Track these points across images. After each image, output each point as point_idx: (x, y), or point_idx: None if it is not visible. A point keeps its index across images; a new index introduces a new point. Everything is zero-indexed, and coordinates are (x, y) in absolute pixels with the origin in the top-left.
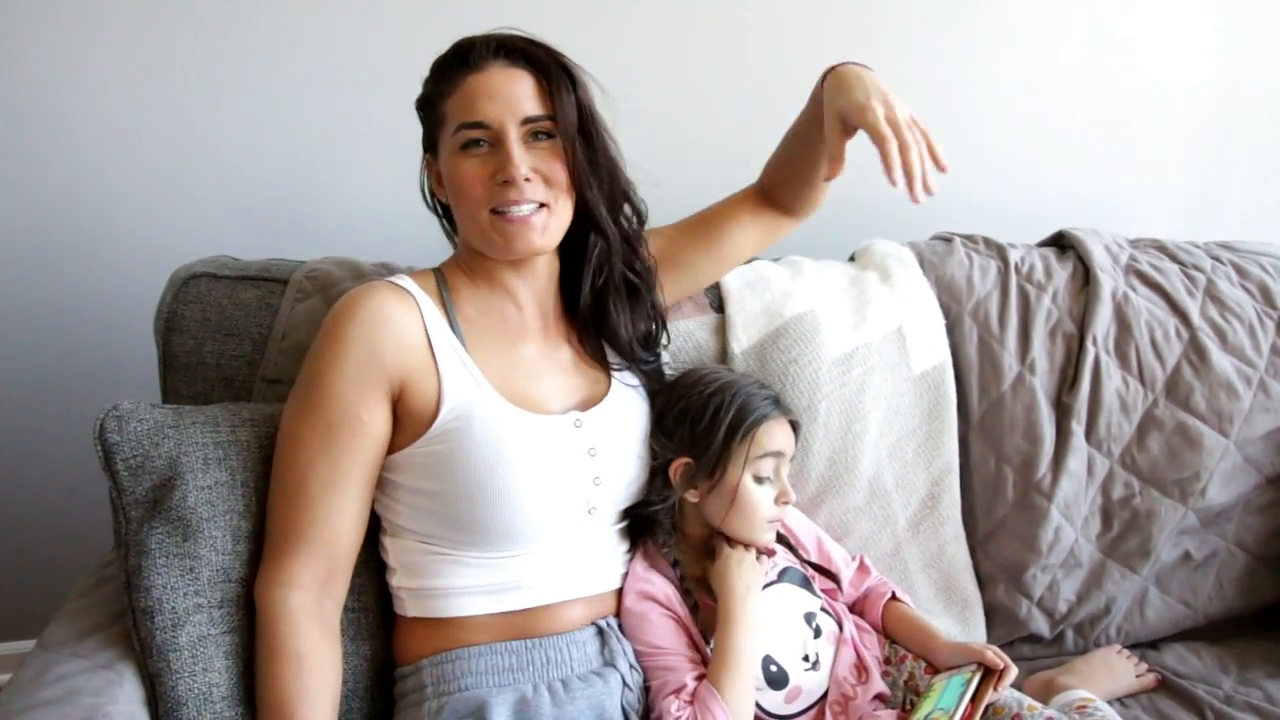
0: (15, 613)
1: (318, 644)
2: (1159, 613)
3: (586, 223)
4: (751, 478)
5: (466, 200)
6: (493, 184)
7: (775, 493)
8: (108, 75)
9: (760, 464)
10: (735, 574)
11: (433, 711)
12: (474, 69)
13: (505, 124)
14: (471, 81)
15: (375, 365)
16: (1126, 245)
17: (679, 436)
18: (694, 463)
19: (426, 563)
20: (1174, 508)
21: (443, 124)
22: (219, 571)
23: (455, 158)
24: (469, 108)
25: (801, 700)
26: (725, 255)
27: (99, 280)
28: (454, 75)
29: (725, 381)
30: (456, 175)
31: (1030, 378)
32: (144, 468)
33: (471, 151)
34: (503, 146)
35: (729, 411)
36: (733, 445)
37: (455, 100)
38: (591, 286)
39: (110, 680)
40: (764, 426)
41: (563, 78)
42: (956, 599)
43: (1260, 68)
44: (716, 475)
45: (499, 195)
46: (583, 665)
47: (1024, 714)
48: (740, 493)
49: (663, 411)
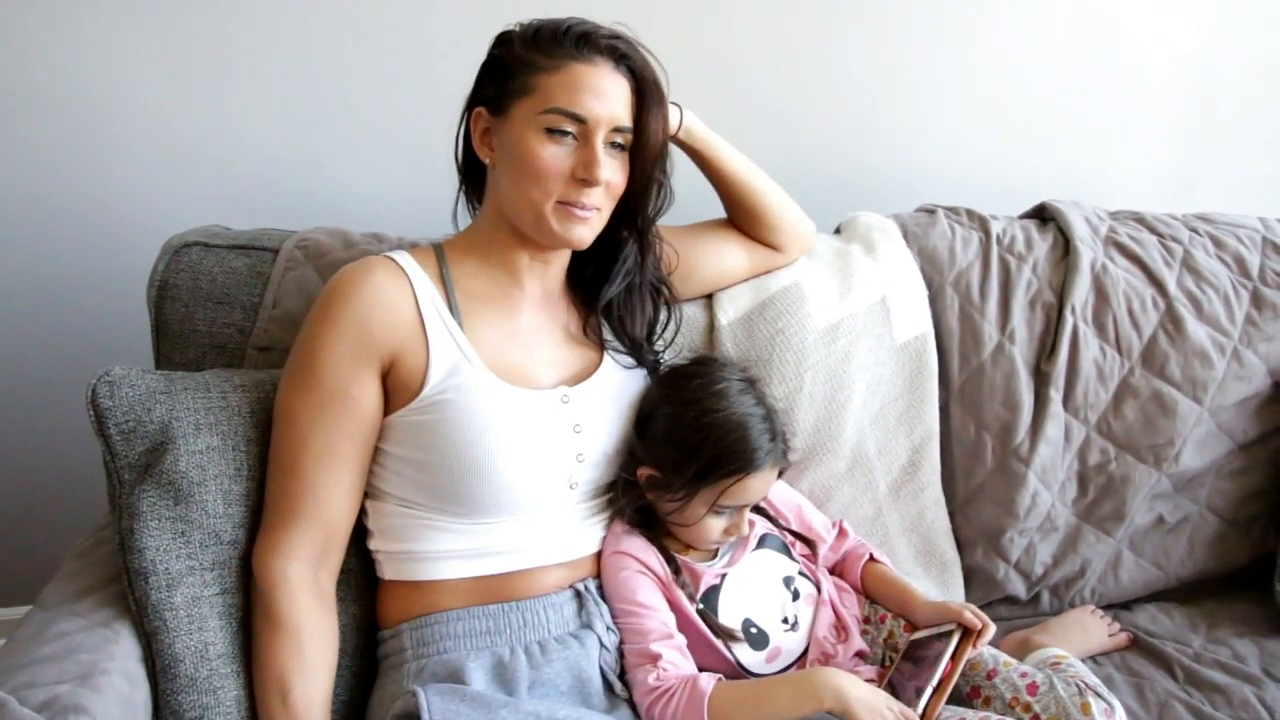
0: (12, 578)
1: (315, 616)
2: (1132, 575)
3: (620, 227)
4: (711, 513)
5: (536, 183)
6: (569, 178)
7: (727, 524)
8: (101, 53)
9: (723, 507)
10: (852, 681)
11: (412, 674)
12: (584, 59)
13: (599, 125)
14: (580, 70)
15: (366, 343)
16: (1107, 217)
17: (656, 446)
18: (659, 477)
19: (405, 527)
20: (1148, 473)
21: (528, 94)
22: (211, 534)
23: (536, 136)
24: (572, 97)
25: (781, 660)
26: (719, 278)
27: (91, 250)
28: (560, 54)
29: (723, 417)
30: (531, 155)
31: (1010, 347)
32: (136, 432)
33: (556, 138)
34: (589, 145)
35: (714, 450)
36: (702, 486)
37: (557, 81)
38: (613, 285)
39: (107, 638)
40: (743, 482)
41: (657, 97)
42: (936, 562)
43: (1239, 46)
44: (678, 501)
45: (571, 191)
46: (560, 628)
47: (1000, 669)
48: (695, 521)
49: (653, 410)
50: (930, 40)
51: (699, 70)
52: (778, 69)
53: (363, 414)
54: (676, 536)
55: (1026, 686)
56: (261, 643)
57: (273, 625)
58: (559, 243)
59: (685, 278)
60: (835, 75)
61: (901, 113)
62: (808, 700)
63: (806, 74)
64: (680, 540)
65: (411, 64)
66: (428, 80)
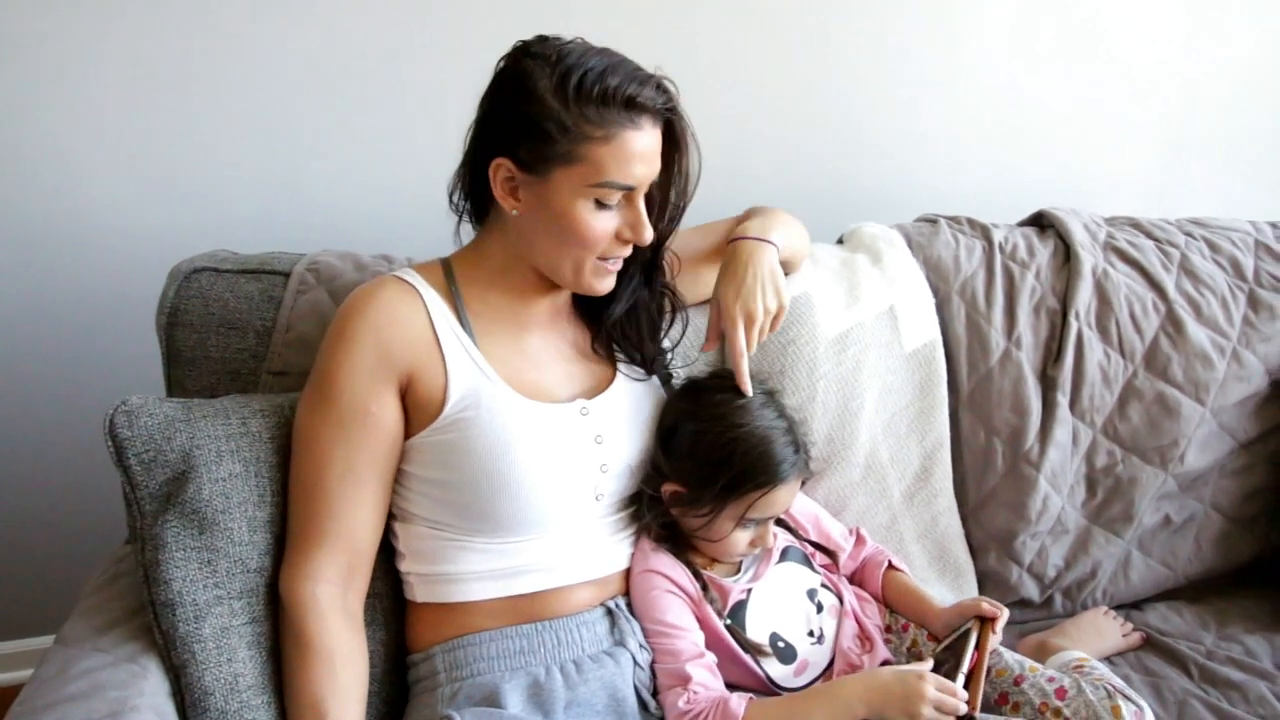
0: (23, 611)
1: (346, 638)
2: (1142, 575)
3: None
4: (738, 526)
5: (583, 247)
6: (614, 239)
7: (753, 537)
8: (100, 74)
9: (750, 520)
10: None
11: (446, 698)
12: (635, 125)
13: (643, 187)
14: (631, 140)
15: (383, 360)
16: (1104, 223)
17: (680, 461)
18: (685, 493)
19: (436, 548)
20: (1154, 474)
21: (575, 162)
22: (237, 563)
23: (585, 205)
24: (625, 169)
25: (809, 673)
26: None
27: (94, 279)
28: (609, 122)
29: (747, 431)
30: (582, 224)
31: (1016, 352)
32: (157, 461)
33: (605, 206)
34: (634, 208)
35: (740, 465)
36: (729, 500)
37: (609, 154)
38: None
39: (135, 673)
40: (769, 495)
41: (686, 143)
42: (950, 567)
43: (1223, 56)
44: (704, 517)
45: (614, 249)
46: (593, 645)
47: (1026, 675)
48: (722, 536)
49: (675, 425)
50: (923, 56)
51: (698, 82)
52: (773, 80)
53: (383, 432)
54: (701, 551)
55: (1055, 691)
56: (293, 669)
57: (304, 649)
58: (587, 291)
59: (690, 282)
60: (830, 87)
61: (897, 123)
62: (840, 714)
63: (801, 85)
64: (705, 555)
65: (413, 82)
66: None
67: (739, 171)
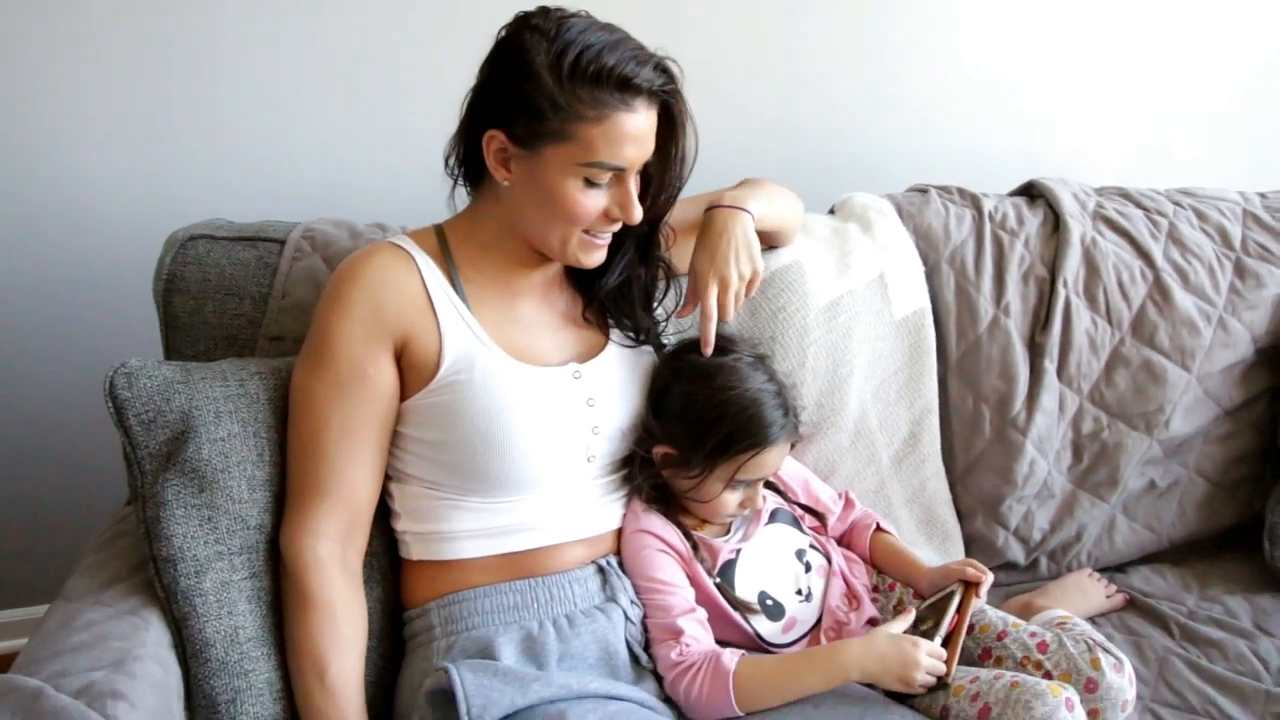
0: (25, 578)
1: (346, 593)
2: (1126, 538)
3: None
4: (727, 488)
5: (570, 222)
6: (601, 216)
7: (742, 498)
8: (96, 49)
9: (739, 481)
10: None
11: (441, 651)
12: (628, 107)
13: (634, 168)
14: (624, 121)
15: (378, 323)
16: (1093, 193)
17: (671, 424)
18: (676, 454)
19: (431, 508)
20: (1140, 439)
21: (566, 140)
22: (237, 520)
23: (573, 183)
24: (615, 150)
25: (797, 629)
26: None
27: (92, 248)
28: (602, 103)
29: (737, 393)
30: (569, 200)
31: (1005, 320)
32: (156, 421)
33: (594, 184)
34: (623, 187)
35: (730, 427)
36: (719, 462)
37: (600, 134)
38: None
39: (137, 625)
40: (758, 457)
41: (684, 125)
42: (938, 531)
43: (1207, 34)
44: (695, 478)
45: (600, 224)
46: (585, 601)
47: (1009, 630)
48: (712, 497)
49: (666, 387)
50: (914, 31)
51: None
52: (765, 51)
53: (380, 394)
54: (692, 512)
55: (1037, 645)
56: (295, 623)
57: (305, 604)
58: (575, 264)
59: (683, 251)
60: (822, 58)
61: (889, 95)
62: (835, 678)
63: (792, 56)
64: (695, 516)
65: (409, 50)
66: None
67: (731, 143)
